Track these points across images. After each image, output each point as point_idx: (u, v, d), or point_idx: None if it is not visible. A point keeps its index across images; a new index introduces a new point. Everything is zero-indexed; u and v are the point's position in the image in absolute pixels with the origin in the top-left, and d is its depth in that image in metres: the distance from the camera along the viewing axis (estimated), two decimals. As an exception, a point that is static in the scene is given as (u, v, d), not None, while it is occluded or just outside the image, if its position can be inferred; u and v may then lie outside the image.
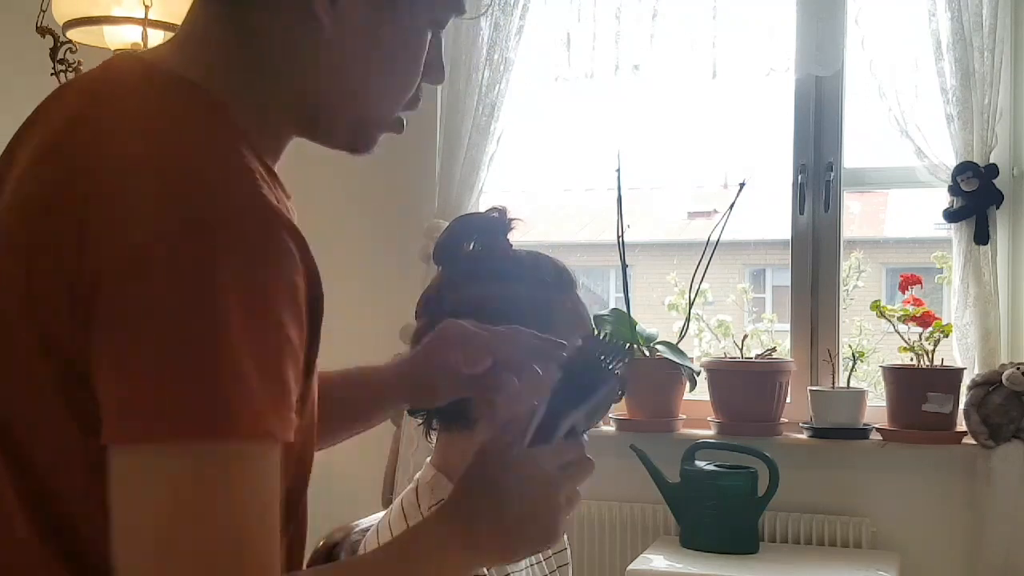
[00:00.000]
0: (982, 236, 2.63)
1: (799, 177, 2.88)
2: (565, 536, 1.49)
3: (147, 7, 2.34)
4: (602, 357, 0.99)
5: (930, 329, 2.68)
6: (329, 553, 1.40)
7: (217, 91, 0.86)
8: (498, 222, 1.31)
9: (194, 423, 0.73)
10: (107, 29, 2.45)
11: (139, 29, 2.37)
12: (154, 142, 0.80)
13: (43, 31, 2.56)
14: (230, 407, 0.73)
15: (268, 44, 0.89)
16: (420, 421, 1.34)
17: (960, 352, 2.67)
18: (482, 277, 1.29)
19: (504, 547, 0.93)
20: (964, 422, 2.61)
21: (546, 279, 1.32)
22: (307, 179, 1.55)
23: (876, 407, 2.78)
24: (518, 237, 1.36)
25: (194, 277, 0.74)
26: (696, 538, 2.63)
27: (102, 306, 0.75)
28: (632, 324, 2.85)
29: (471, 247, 1.33)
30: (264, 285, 0.76)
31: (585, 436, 0.98)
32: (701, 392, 2.87)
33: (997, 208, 2.66)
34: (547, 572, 1.43)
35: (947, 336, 2.67)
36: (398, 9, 0.91)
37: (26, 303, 0.80)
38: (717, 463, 2.67)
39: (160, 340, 0.73)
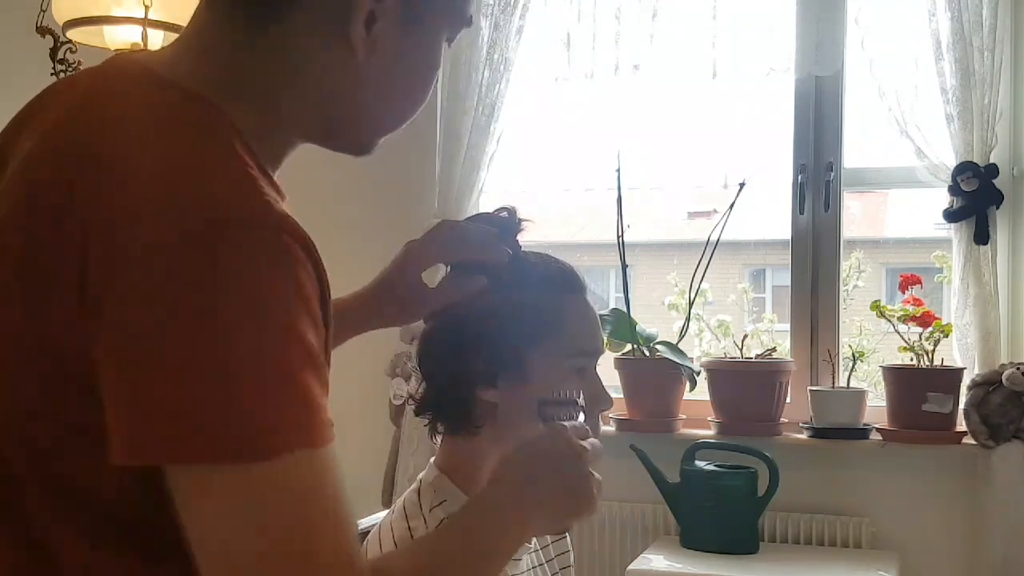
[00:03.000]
0: (982, 236, 2.63)
1: (799, 177, 2.88)
2: (568, 537, 1.49)
3: (147, 7, 2.33)
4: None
5: (930, 329, 2.68)
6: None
7: (222, 99, 0.86)
8: (508, 222, 1.31)
9: (221, 448, 0.73)
10: (107, 29, 2.44)
11: (139, 29, 2.37)
12: (155, 148, 0.80)
13: (43, 31, 2.56)
14: (255, 428, 0.73)
15: (293, 63, 0.89)
16: (426, 422, 1.34)
17: (960, 352, 2.68)
18: (491, 281, 1.29)
19: (550, 514, 1.01)
20: (964, 422, 2.61)
21: (554, 281, 1.31)
22: (306, 179, 1.54)
23: (876, 407, 2.78)
24: (519, 237, 1.35)
25: (200, 287, 0.73)
26: (696, 538, 2.63)
27: (108, 315, 0.74)
28: (632, 324, 2.85)
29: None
30: (271, 289, 0.75)
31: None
32: (701, 392, 2.87)
33: (997, 208, 2.66)
34: (551, 574, 1.43)
35: (947, 336, 2.67)
36: (423, 33, 0.93)
37: (24, 306, 0.80)
38: (717, 463, 2.67)
39: (171, 356, 0.73)
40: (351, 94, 0.91)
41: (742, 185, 2.83)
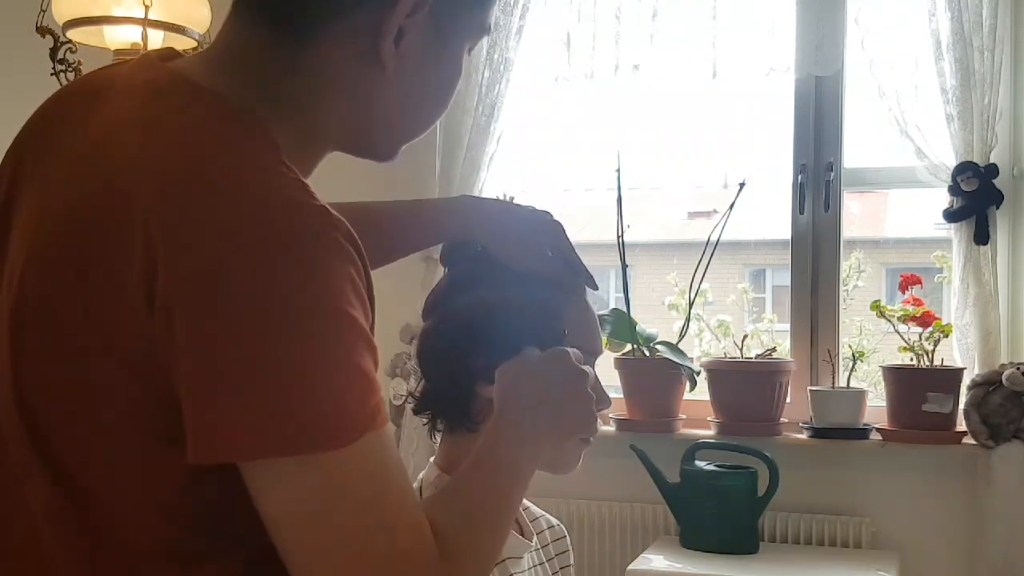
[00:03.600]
0: (982, 236, 2.63)
1: (799, 177, 2.88)
2: (568, 538, 1.49)
3: (147, 7, 2.34)
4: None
5: (930, 329, 2.68)
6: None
7: (259, 113, 0.87)
8: None
9: (303, 441, 0.77)
10: (107, 29, 2.45)
11: (139, 29, 2.37)
12: (214, 160, 0.81)
13: (43, 31, 2.56)
14: (333, 419, 0.78)
15: (326, 79, 0.90)
16: (425, 421, 1.34)
17: (960, 352, 2.68)
18: (490, 278, 1.29)
19: (557, 436, 1.07)
20: (964, 422, 2.61)
21: (555, 281, 1.31)
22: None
23: (876, 407, 2.78)
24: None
25: (273, 295, 0.77)
26: (696, 538, 2.63)
27: (181, 323, 0.76)
28: (632, 324, 2.85)
29: (479, 248, 1.32)
30: (334, 289, 0.79)
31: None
32: (701, 392, 2.87)
33: (997, 208, 2.66)
34: (551, 573, 1.43)
35: (947, 336, 2.67)
36: (447, 45, 0.96)
37: (85, 310, 0.81)
38: (717, 463, 2.67)
39: (250, 356, 0.76)
40: (381, 106, 0.94)
41: (742, 185, 2.83)
